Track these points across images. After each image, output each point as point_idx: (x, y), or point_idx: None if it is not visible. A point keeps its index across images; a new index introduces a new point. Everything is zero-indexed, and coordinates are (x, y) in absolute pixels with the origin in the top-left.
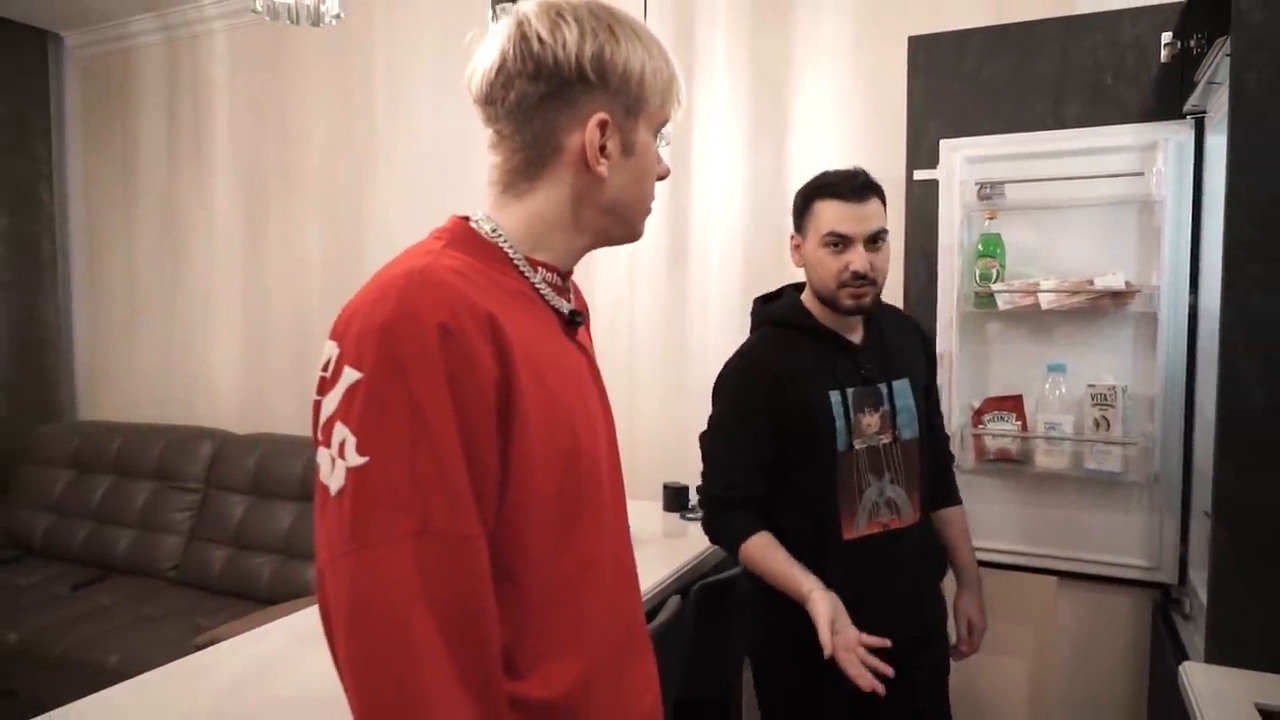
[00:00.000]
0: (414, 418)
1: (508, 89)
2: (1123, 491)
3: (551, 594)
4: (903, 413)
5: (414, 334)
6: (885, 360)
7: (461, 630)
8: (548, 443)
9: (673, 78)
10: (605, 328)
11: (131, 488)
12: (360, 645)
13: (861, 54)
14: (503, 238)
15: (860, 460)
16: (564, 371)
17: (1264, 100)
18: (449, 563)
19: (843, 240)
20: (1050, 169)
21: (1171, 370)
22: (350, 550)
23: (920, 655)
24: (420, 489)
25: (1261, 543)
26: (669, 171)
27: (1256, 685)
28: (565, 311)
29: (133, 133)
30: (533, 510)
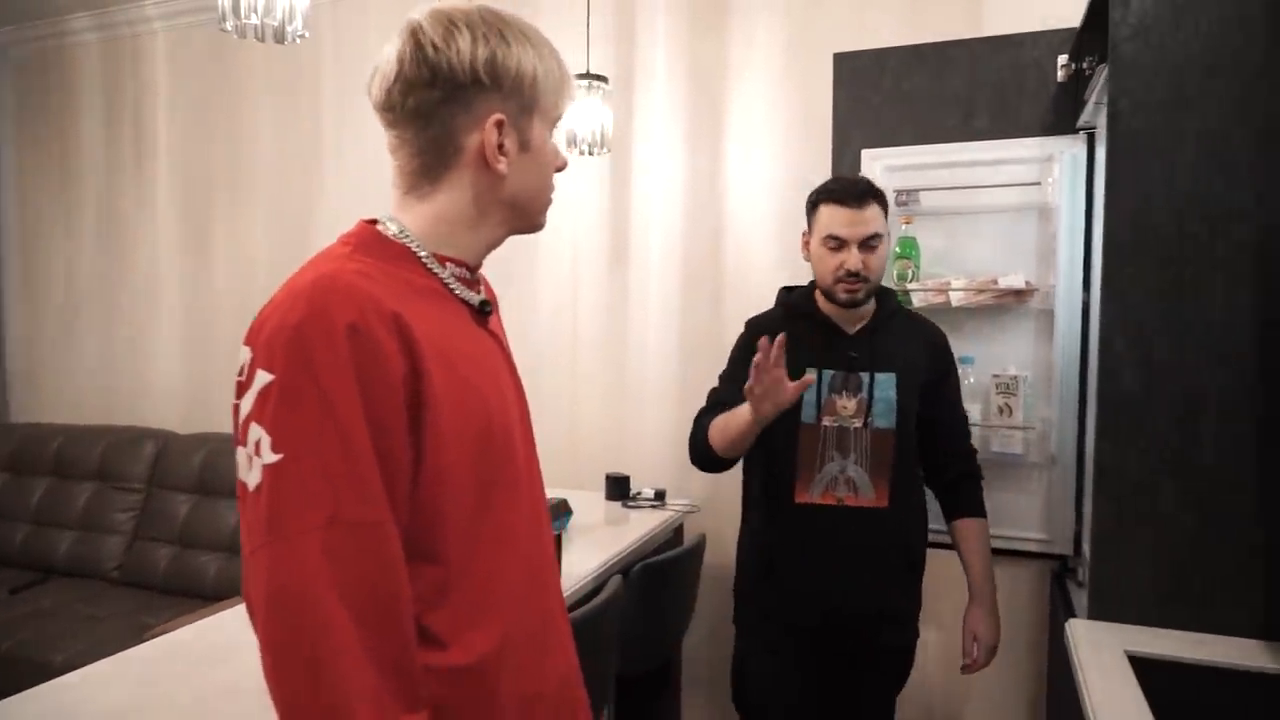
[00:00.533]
0: (324, 415)
1: (405, 95)
2: (1024, 472)
3: (471, 567)
4: (880, 403)
5: (323, 335)
6: (874, 352)
7: (373, 611)
8: (460, 427)
9: (564, 77)
10: (549, 326)
11: (72, 489)
12: (276, 632)
13: (792, 66)
14: (409, 238)
15: (827, 436)
16: (475, 359)
17: (1135, 121)
18: (359, 549)
19: (840, 242)
20: (960, 178)
21: (1067, 361)
22: (267, 543)
23: (870, 634)
24: (330, 482)
25: (1135, 511)
26: (567, 163)
27: (1129, 636)
28: (475, 303)
29: (70, 131)
30: (448, 490)
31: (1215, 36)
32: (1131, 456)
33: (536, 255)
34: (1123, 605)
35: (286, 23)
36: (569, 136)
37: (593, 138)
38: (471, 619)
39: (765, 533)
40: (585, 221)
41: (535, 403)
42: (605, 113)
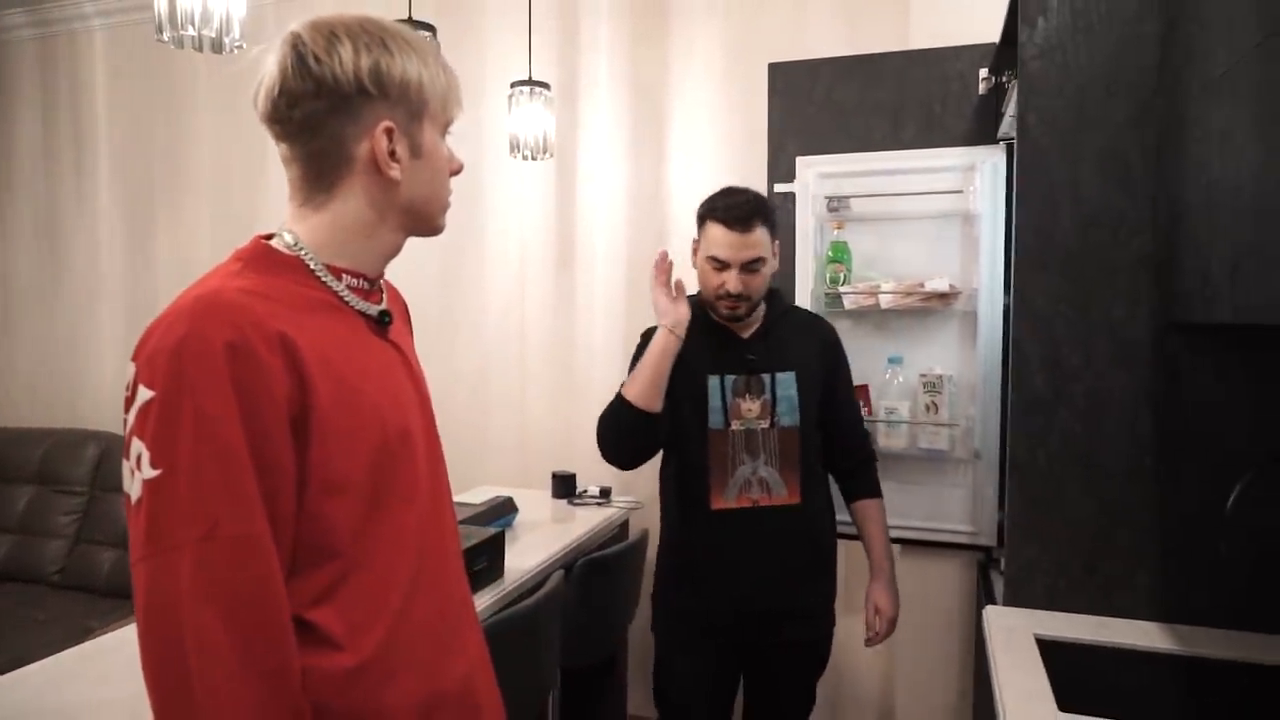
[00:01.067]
0: (200, 432)
1: (293, 108)
2: (950, 467)
3: (363, 566)
4: (783, 402)
5: (201, 355)
6: (771, 353)
7: (250, 622)
8: (350, 436)
9: (450, 83)
10: (497, 327)
11: (10, 492)
12: (153, 645)
13: (730, 76)
14: (304, 250)
15: (736, 440)
16: (369, 370)
17: (1041, 137)
18: (235, 562)
19: (722, 264)
20: (889, 185)
21: (989, 360)
22: (145, 556)
23: (784, 630)
24: (206, 497)
25: (1045, 504)
26: (462, 166)
27: (1038, 621)
28: (373, 314)
29: (5, 130)
30: (339, 496)
31: (1114, 57)
32: (1041, 454)
33: (484, 257)
34: (1034, 592)
35: (224, 33)
36: (511, 141)
37: (535, 143)
38: (363, 616)
39: (683, 540)
40: (532, 225)
41: (485, 402)
42: (547, 118)
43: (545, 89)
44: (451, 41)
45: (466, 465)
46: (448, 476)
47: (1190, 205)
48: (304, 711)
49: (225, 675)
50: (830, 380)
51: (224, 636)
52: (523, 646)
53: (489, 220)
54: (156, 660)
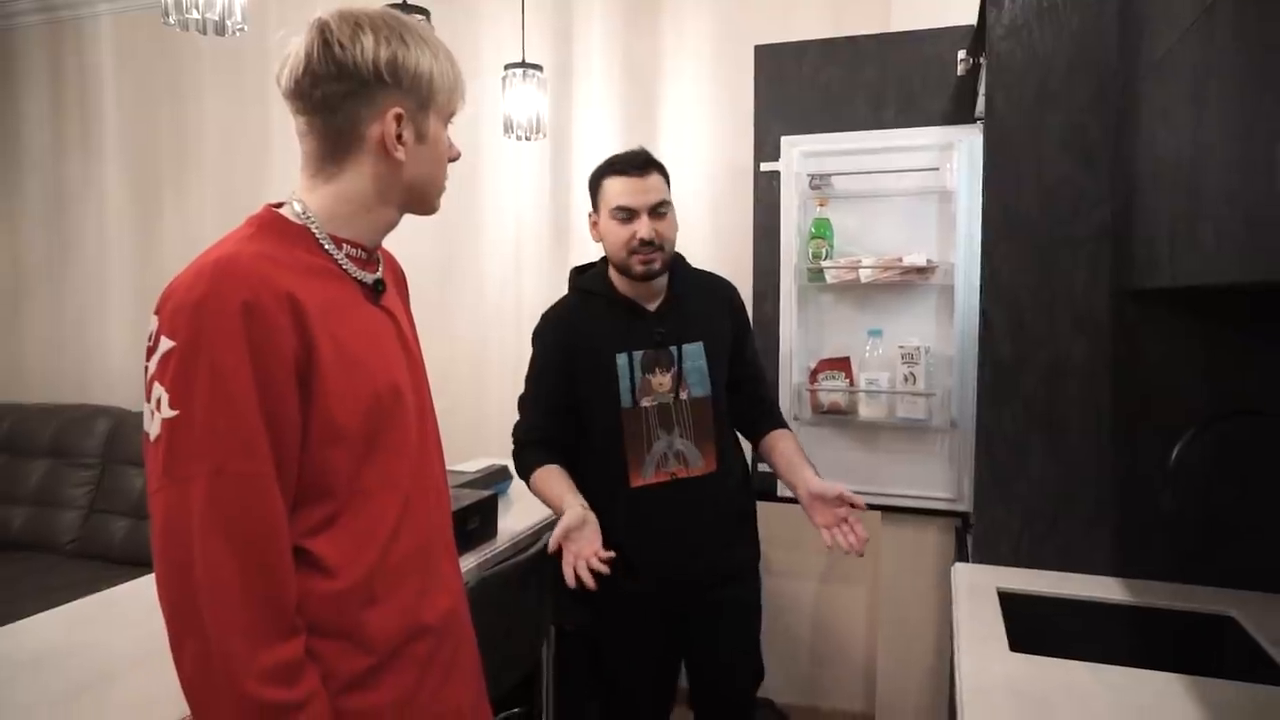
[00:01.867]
0: (215, 381)
1: (315, 87)
2: (928, 436)
3: (355, 505)
4: (692, 373)
5: (219, 311)
6: (679, 325)
7: (250, 549)
8: (347, 391)
9: (457, 78)
10: (494, 303)
11: (24, 466)
12: (166, 563)
13: (719, 58)
14: (310, 219)
15: (649, 416)
16: (364, 332)
17: (1009, 116)
18: (240, 495)
19: (629, 212)
20: (870, 163)
21: (965, 332)
22: (162, 486)
23: (712, 595)
24: (217, 436)
25: (1008, 465)
26: (459, 154)
27: (1003, 576)
28: (369, 282)
29: (14, 114)
30: (336, 442)
31: (1076, 37)
32: (1006, 417)
33: (481, 235)
34: (1001, 550)
35: (226, 17)
36: (505, 122)
37: (529, 124)
38: (353, 548)
39: (603, 520)
40: (528, 203)
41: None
42: (540, 99)
43: (538, 71)
44: (446, 25)
45: (465, 437)
46: (438, 431)
47: (1141, 179)
48: (298, 630)
49: (226, 589)
50: (740, 342)
51: (228, 559)
52: (514, 602)
53: (486, 199)
54: (169, 578)
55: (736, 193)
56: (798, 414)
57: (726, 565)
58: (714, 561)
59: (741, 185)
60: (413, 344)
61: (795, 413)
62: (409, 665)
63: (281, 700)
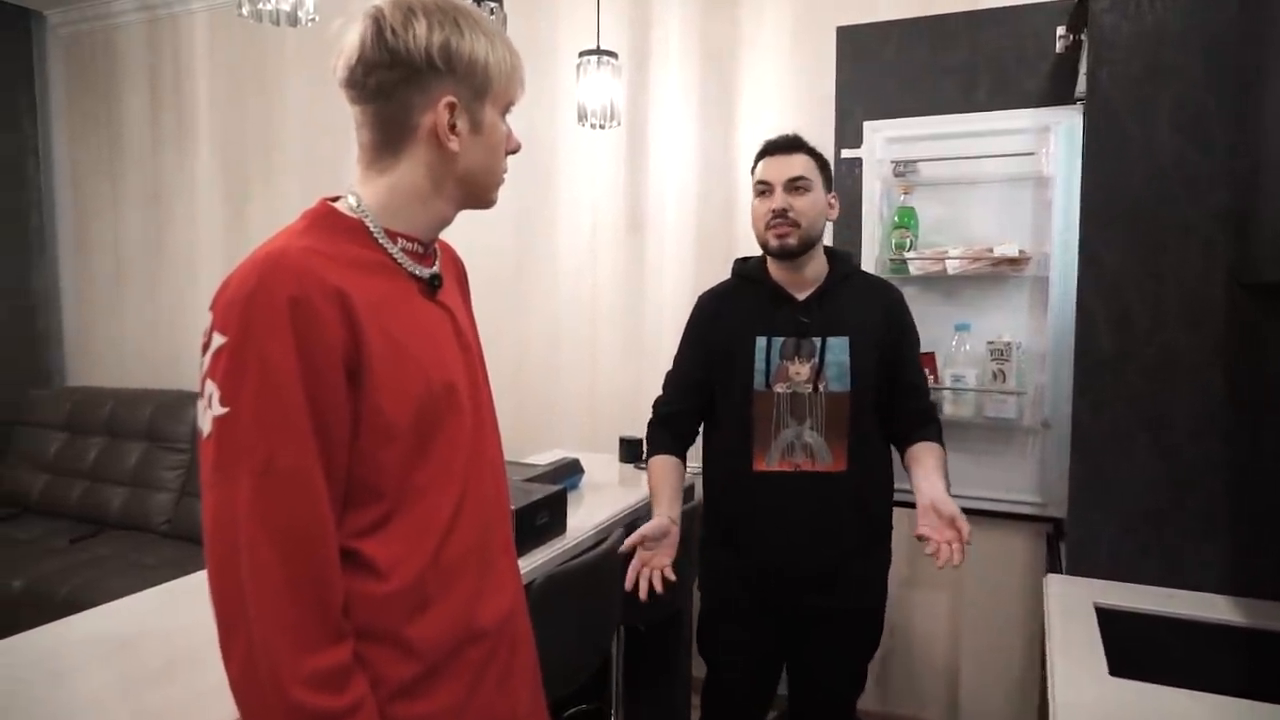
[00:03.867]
0: (264, 377)
1: (368, 75)
2: (1019, 436)
3: (406, 503)
4: (832, 367)
5: (268, 307)
6: (826, 317)
7: (296, 548)
8: (398, 387)
9: (514, 65)
10: (568, 293)
11: (123, 448)
12: (215, 561)
13: (799, 42)
14: (365, 212)
15: (781, 403)
16: (417, 328)
17: (1113, 93)
18: (288, 492)
19: (766, 186)
20: (958, 148)
21: (1060, 327)
22: (213, 483)
23: (825, 600)
24: (265, 431)
25: (1110, 469)
26: (519, 146)
27: (1100, 590)
28: (425, 277)
29: (116, 108)
30: (387, 439)
31: (1191, 9)
32: (1106, 416)
33: (556, 224)
34: (1097, 560)
35: (298, 8)
36: (579, 110)
37: (603, 111)
38: (404, 550)
39: (723, 500)
40: (603, 190)
41: (555, 367)
42: (615, 87)
43: (613, 58)
44: (522, 12)
45: (537, 428)
46: (497, 430)
47: (1269, 160)
48: (345, 633)
49: (272, 591)
50: (895, 346)
51: (273, 557)
52: (584, 600)
53: (561, 188)
54: (218, 574)
55: None
56: None
57: (843, 572)
58: (828, 565)
59: None
60: (471, 340)
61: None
62: (462, 671)
63: (328, 707)
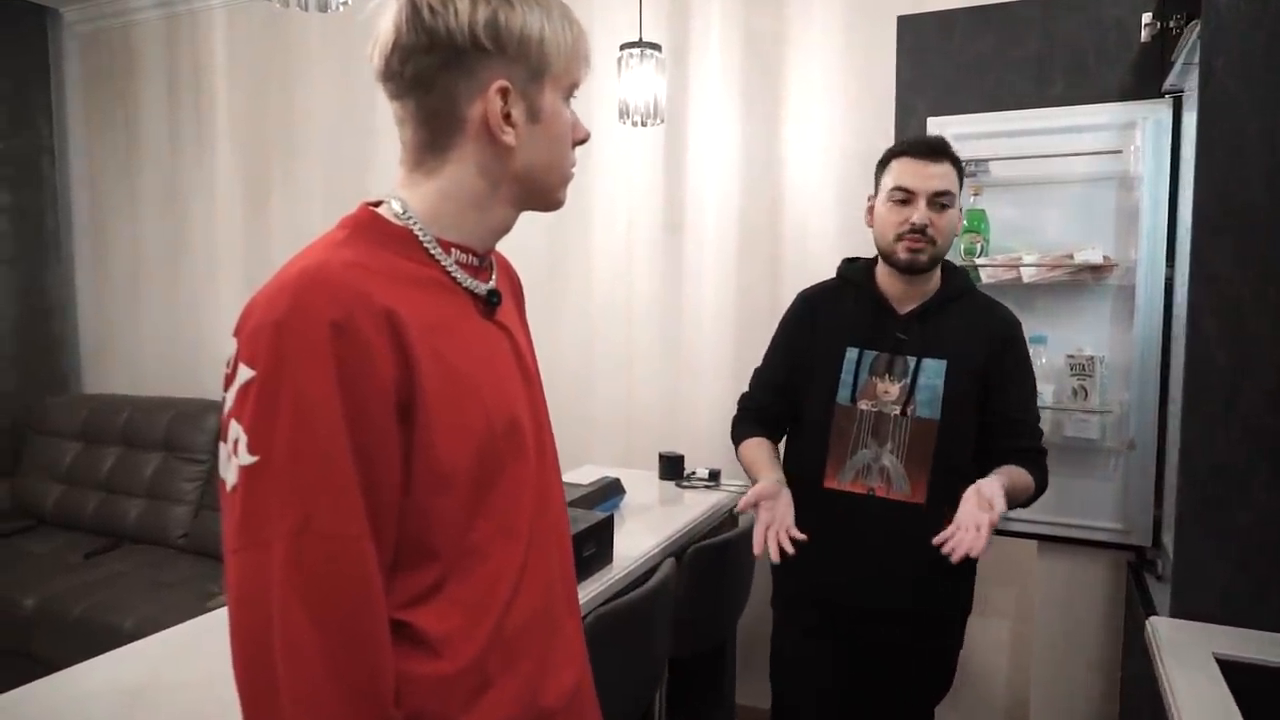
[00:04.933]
0: (300, 418)
1: (404, 63)
2: (1100, 458)
3: (465, 567)
4: (924, 390)
5: (304, 333)
6: (926, 336)
7: (340, 628)
8: (456, 425)
9: (577, 40)
10: (603, 299)
11: (140, 458)
12: (242, 643)
13: (851, 33)
14: (413, 220)
15: (863, 420)
16: (476, 354)
17: (1230, 83)
18: (329, 561)
19: (908, 194)
20: (1033, 146)
21: (1147, 341)
22: (240, 547)
23: (898, 635)
24: (303, 489)
25: (1223, 501)
26: (588, 135)
27: (1216, 637)
28: (482, 293)
29: (133, 107)
30: (442, 489)
31: None
32: (1220, 440)
33: (591, 226)
34: (1209, 604)
35: None
36: (621, 106)
37: (646, 107)
38: (463, 621)
39: (797, 515)
40: (640, 191)
41: (590, 377)
42: (659, 82)
43: (656, 50)
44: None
45: (571, 443)
46: (559, 470)
47: None
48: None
49: (311, 682)
50: (1001, 377)
51: (312, 640)
52: (634, 639)
53: (596, 187)
54: (245, 658)
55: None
56: None
57: (915, 609)
58: (898, 602)
59: None
60: (530, 363)
61: None
62: None
63: None
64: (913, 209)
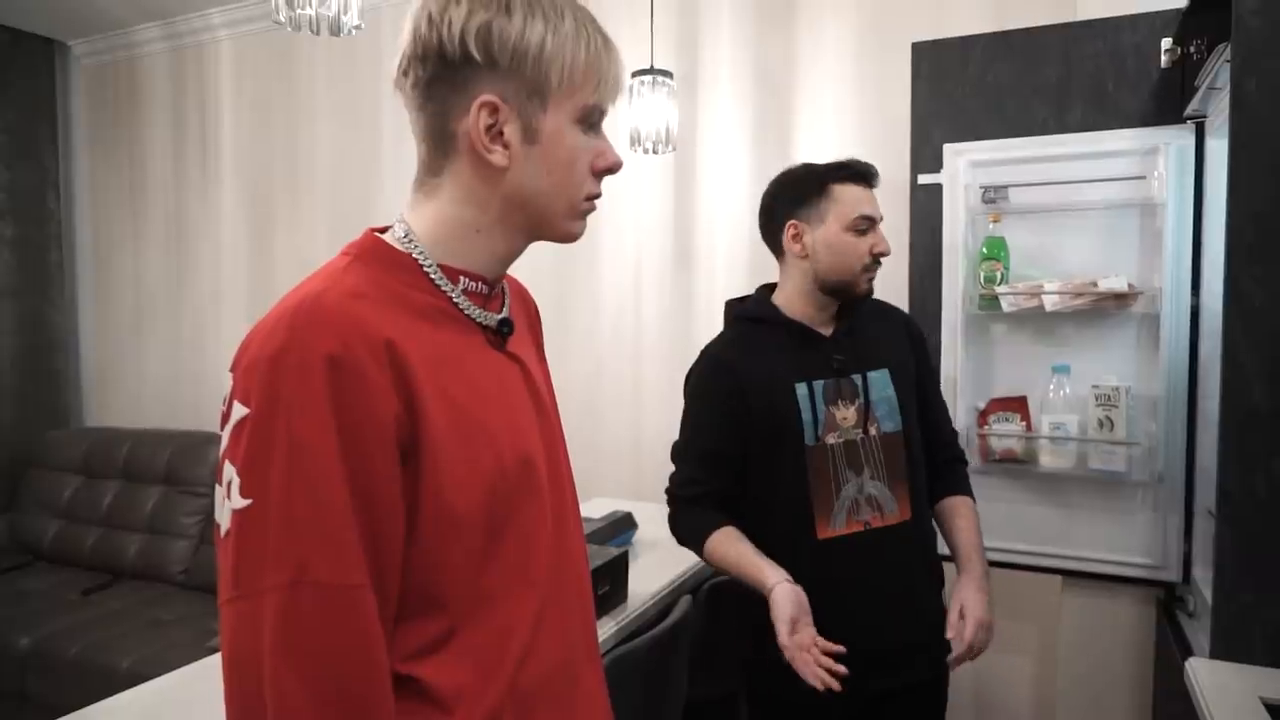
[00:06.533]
0: (294, 460)
1: (406, 74)
2: (1127, 491)
3: (477, 616)
4: (881, 404)
5: (299, 368)
6: (860, 351)
7: (336, 687)
8: (465, 466)
9: (592, 56)
10: (611, 330)
11: (140, 493)
12: (233, 697)
13: (864, 60)
14: (416, 246)
15: (835, 455)
16: (485, 388)
17: (1263, 106)
18: (324, 615)
19: (871, 222)
20: (1053, 173)
21: (1174, 370)
22: (233, 598)
23: (910, 667)
24: (297, 537)
25: (1264, 539)
26: (619, 163)
27: (1262, 680)
28: (492, 324)
29: (139, 140)
30: (451, 537)
31: None
32: (1261, 479)
33: (599, 255)
34: (1252, 645)
35: (341, 13)
36: (632, 134)
37: (658, 135)
38: (474, 674)
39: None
40: (648, 222)
41: (598, 408)
42: (670, 109)
43: (668, 78)
44: None
45: (580, 474)
46: (578, 508)
47: None
48: None
49: None
50: (923, 374)
51: (305, 703)
52: (654, 681)
53: (604, 216)
54: (235, 713)
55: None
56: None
57: (921, 632)
58: (909, 627)
59: (891, 201)
60: (546, 397)
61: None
62: None
63: None
64: (875, 236)
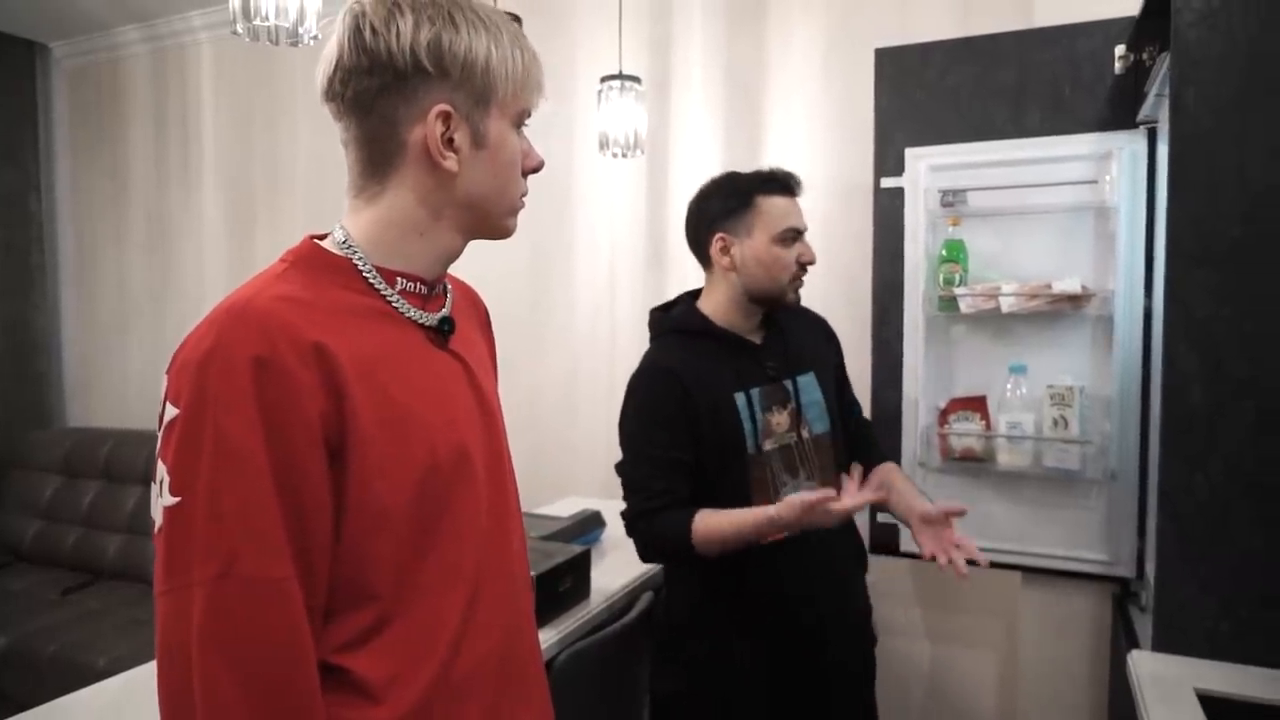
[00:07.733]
0: (220, 457)
1: (345, 85)
2: (1081, 488)
3: (407, 607)
4: (810, 407)
5: (226, 370)
6: (787, 357)
7: (262, 677)
8: (395, 460)
9: (528, 66)
10: (586, 330)
11: (121, 492)
12: (165, 689)
13: (832, 64)
14: (354, 250)
15: (773, 461)
16: (421, 384)
17: (1201, 115)
18: (250, 607)
19: (798, 234)
20: (1010, 177)
21: (1127, 370)
22: (164, 590)
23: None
24: (224, 532)
25: (1203, 534)
26: (541, 163)
27: (1198, 672)
28: (431, 324)
29: (120, 142)
30: (380, 530)
31: None
32: (1200, 479)
33: (573, 257)
34: (1191, 637)
35: (299, 24)
36: (601, 138)
37: (626, 140)
38: (405, 664)
39: (730, 579)
40: (622, 224)
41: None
42: (639, 114)
43: (636, 83)
44: (540, 35)
45: (554, 474)
46: (518, 500)
47: None
48: None
49: None
50: (840, 369)
51: (233, 693)
52: (612, 674)
53: (578, 219)
54: (167, 705)
55: (852, 213)
56: (924, 460)
57: (852, 621)
58: (844, 616)
59: (858, 204)
60: (489, 394)
61: (922, 459)
62: None
63: None
64: (802, 246)
